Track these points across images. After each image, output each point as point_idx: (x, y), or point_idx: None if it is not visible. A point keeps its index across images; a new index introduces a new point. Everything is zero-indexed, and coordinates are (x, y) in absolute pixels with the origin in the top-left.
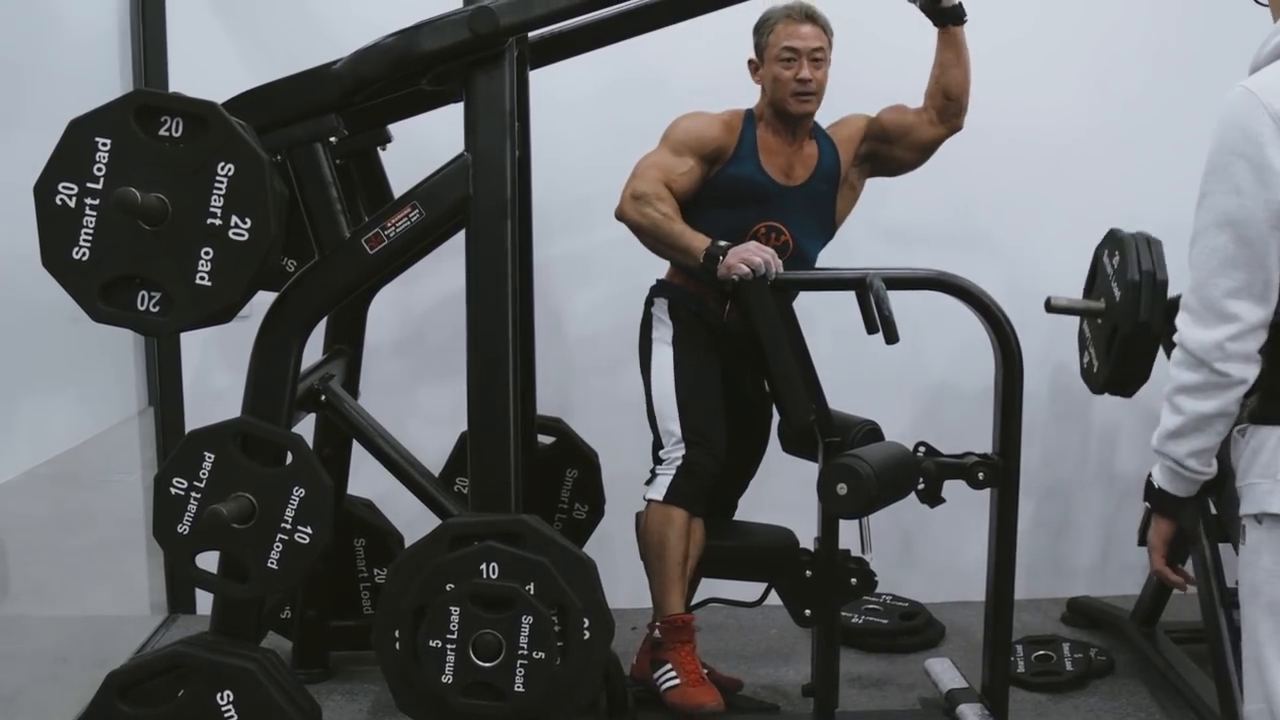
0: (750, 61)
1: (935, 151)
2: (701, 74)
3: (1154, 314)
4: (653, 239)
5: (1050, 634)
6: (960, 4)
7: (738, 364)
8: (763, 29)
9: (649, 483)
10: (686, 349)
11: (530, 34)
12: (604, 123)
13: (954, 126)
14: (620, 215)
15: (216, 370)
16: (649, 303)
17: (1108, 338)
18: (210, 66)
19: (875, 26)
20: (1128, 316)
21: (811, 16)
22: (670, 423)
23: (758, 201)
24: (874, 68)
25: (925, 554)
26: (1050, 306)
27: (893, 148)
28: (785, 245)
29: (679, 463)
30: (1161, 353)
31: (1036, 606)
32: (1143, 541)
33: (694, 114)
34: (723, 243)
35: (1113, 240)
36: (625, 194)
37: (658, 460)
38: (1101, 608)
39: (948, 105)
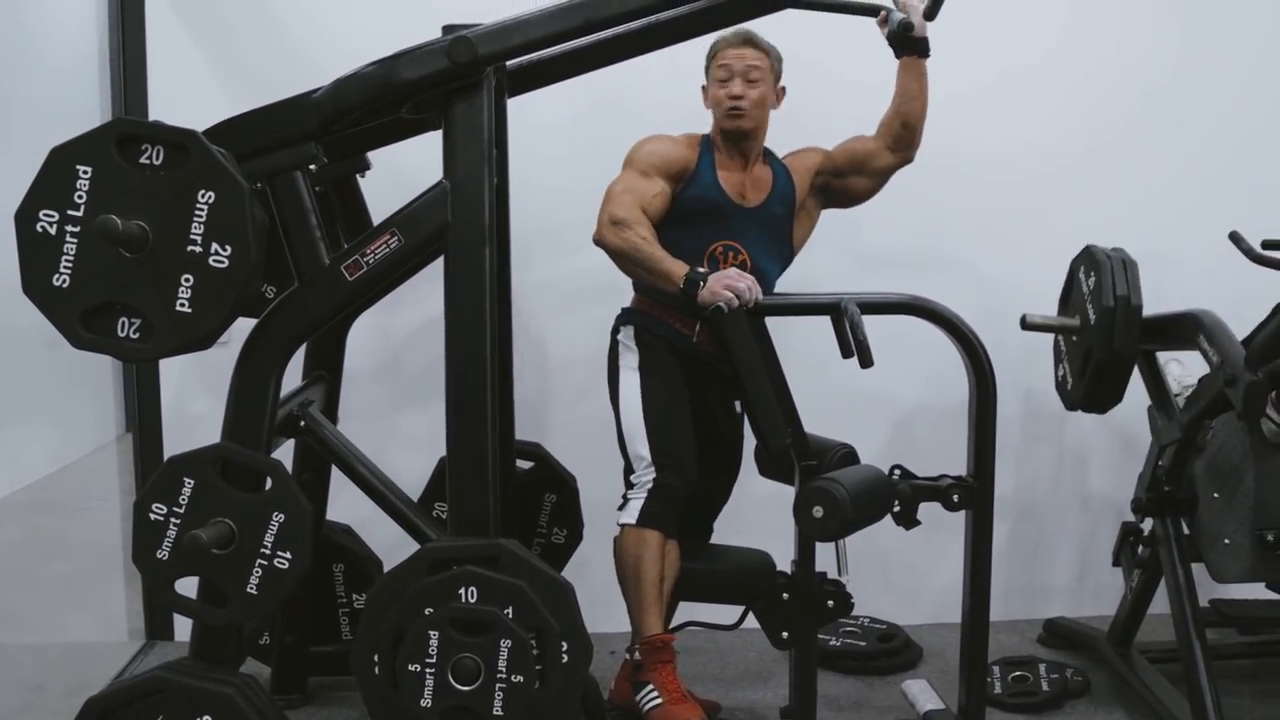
0: (702, 88)
1: (888, 180)
2: (675, 100)
3: (1128, 340)
4: (632, 264)
5: (1027, 655)
6: (926, 38)
7: (707, 386)
8: (710, 56)
9: (621, 508)
10: (652, 373)
11: (508, 62)
12: (581, 149)
13: (906, 158)
14: (599, 240)
15: (195, 396)
16: (615, 330)
17: (1082, 358)
18: (190, 95)
19: (838, 62)
20: (1103, 342)
21: (749, 40)
22: (639, 446)
23: (715, 221)
24: (838, 101)
25: (902, 576)
26: (1026, 324)
27: (847, 178)
28: (743, 264)
29: (650, 486)
30: (1136, 371)
31: (1013, 628)
32: (1117, 562)
33: (655, 136)
34: (701, 269)
35: (1089, 259)
36: (602, 219)
37: (629, 485)
38: (1077, 628)
39: (903, 134)
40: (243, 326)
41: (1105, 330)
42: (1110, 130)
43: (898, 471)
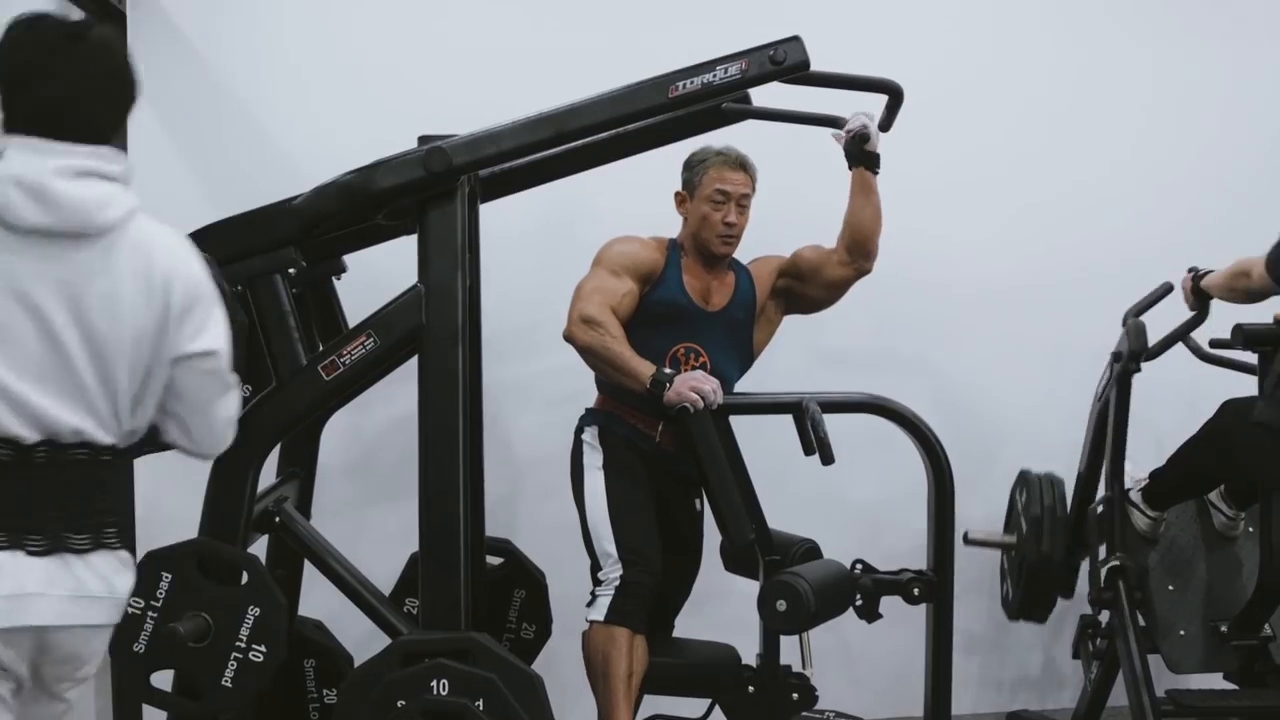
0: (677, 194)
1: (845, 291)
2: (636, 208)
3: (1055, 545)
4: (601, 361)
5: None
6: (878, 154)
7: (669, 484)
8: (696, 167)
9: (590, 604)
10: (616, 472)
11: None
12: (549, 253)
13: (862, 269)
14: (569, 337)
15: (169, 495)
16: (579, 430)
17: (1018, 568)
18: (173, 201)
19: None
20: (1033, 548)
21: (744, 164)
22: (606, 544)
23: (678, 323)
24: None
25: (867, 669)
26: (968, 540)
27: (805, 285)
28: (704, 366)
29: (617, 583)
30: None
31: None
32: (1076, 654)
33: (626, 237)
34: (668, 370)
35: (1022, 480)
36: (573, 316)
37: (597, 582)
38: None
39: (856, 245)
40: None
41: (1035, 538)
42: (1062, 233)
43: (859, 566)
